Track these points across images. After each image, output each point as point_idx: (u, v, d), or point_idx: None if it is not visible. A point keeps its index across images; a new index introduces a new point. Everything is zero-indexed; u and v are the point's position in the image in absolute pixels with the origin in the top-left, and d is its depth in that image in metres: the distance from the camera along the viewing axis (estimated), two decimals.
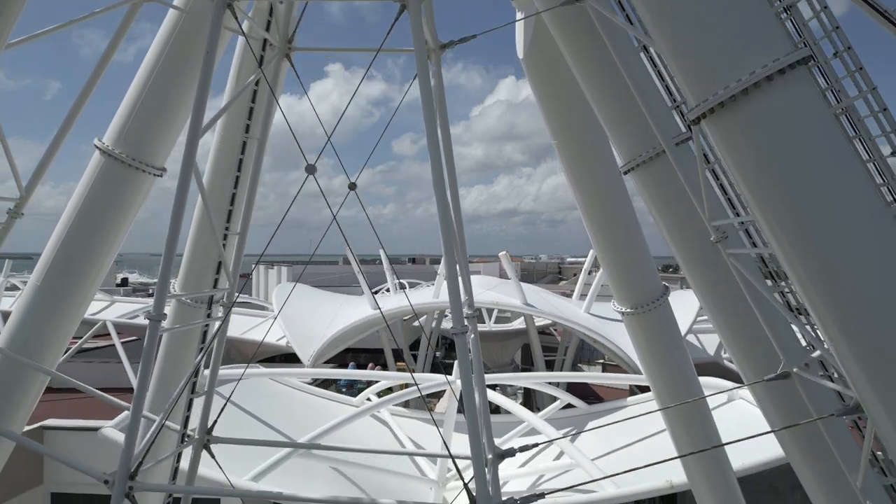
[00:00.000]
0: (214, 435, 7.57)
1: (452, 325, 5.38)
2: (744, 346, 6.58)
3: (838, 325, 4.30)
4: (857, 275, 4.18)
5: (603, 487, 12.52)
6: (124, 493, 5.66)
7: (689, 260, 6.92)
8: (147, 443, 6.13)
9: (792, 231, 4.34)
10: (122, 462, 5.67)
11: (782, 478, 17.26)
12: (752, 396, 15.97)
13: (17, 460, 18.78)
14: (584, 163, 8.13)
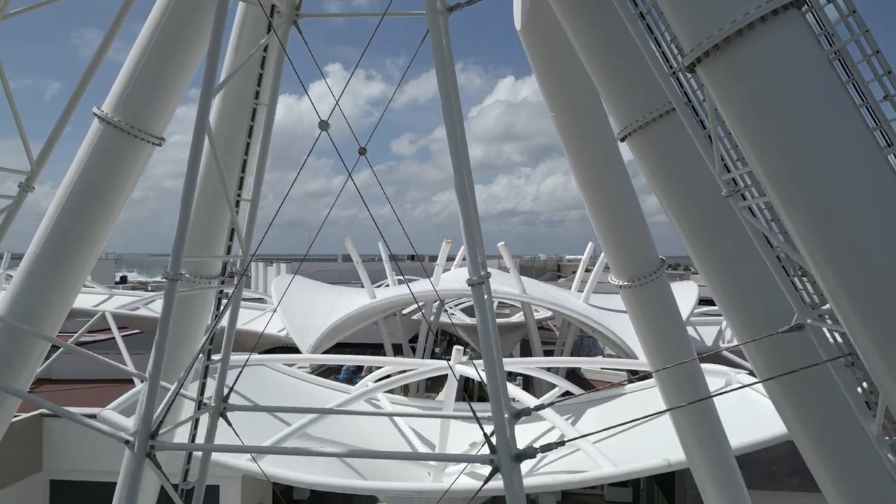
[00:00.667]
0: (230, 403, 7.63)
1: (470, 276, 5.47)
2: (741, 306, 6.61)
3: (834, 272, 4.34)
4: (851, 220, 4.21)
5: (601, 467, 12.57)
6: (145, 452, 5.73)
7: (688, 224, 6.94)
8: (167, 403, 6.20)
9: (787, 177, 4.38)
10: (143, 422, 5.75)
11: (780, 462, 17.33)
12: (750, 381, 16.02)
13: (16, 448, 18.98)
14: (582, 134, 8.16)
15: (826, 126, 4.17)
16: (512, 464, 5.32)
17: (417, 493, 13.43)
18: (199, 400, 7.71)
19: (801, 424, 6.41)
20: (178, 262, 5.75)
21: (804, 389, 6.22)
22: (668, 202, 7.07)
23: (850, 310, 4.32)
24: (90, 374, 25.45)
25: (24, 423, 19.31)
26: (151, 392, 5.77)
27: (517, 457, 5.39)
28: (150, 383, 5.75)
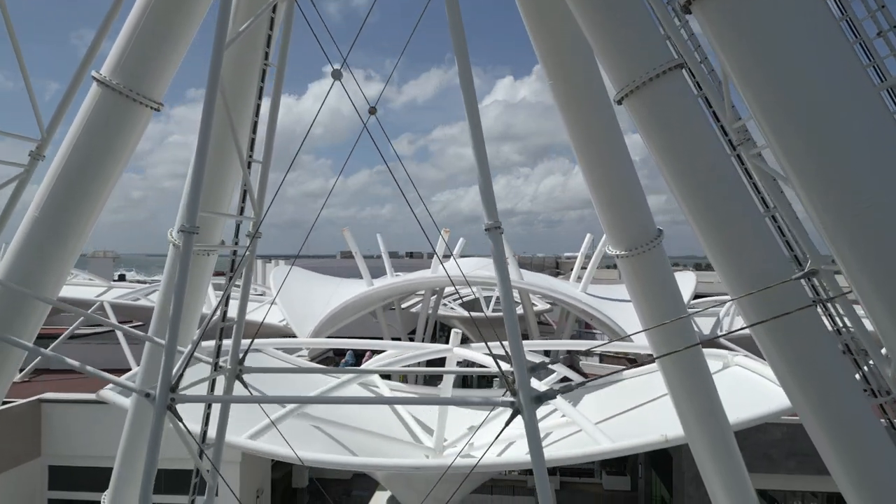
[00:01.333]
0: (246, 366, 7.65)
1: (487, 220, 5.49)
2: (740, 264, 6.63)
3: (828, 209, 4.37)
4: (845, 154, 4.25)
5: (599, 443, 12.60)
6: (166, 404, 5.75)
7: (688, 185, 6.94)
8: (186, 357, 6.24)
9: (783, 117, 4.41)
10: (163, 375, 5.78)
11: (777, 445, 17.40)
12: (747, 363, 16.10)
13: (15, 433, 18.99)
14: (579, 100, 8.16)
15: (819, 61, 4.20)
16: (532, 405, 5.37)
17: (417, 468, 13.47)
18: (214, 362, 7.73)
19: (790, 370, 6.43)
20: (193, 214, 5.74)
21: (797, 338, 6.26)
22: (667, 164, 7.09)
23: (842, 242, 4.35)
24: (90, 364, 25.40)
25: (23, 408, 19.32)
26: (170, 347, 5.81)
27: (537, 398, 5.44)
28: (169, 337, 5.79)
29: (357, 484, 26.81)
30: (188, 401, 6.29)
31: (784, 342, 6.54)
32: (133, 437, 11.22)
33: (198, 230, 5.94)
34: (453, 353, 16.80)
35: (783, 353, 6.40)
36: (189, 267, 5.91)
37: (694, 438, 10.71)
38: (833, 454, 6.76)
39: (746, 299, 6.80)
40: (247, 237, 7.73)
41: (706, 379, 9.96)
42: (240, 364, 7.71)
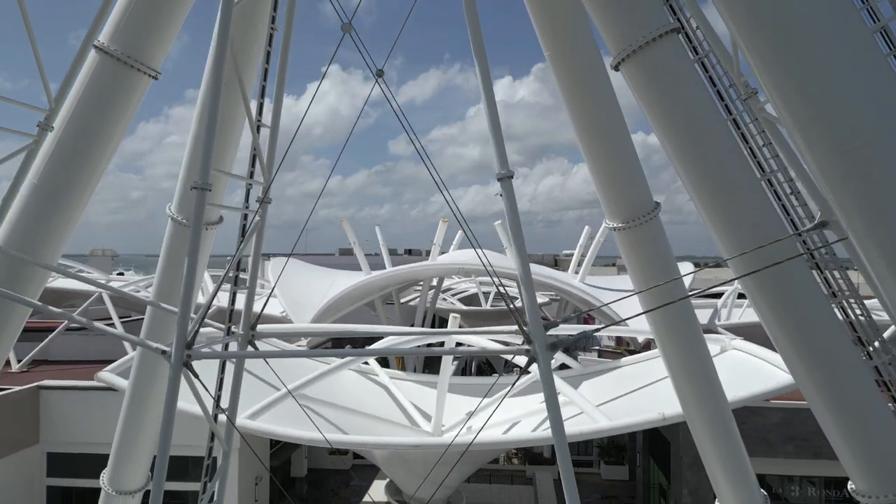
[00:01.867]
0: (259, 330, 7.70)
1: (499, 169, 5.55)
2: (739, 228, 6.68)
3: (823, 148, 4.40)
4: (839, 92, 4.26)
5: (597, 421, 12.64)
6: (182, 361, 5.83)
7: (685, 150, 6.98)
8: (201, 315, 6.31)
9: (783, 74, 4.42)
10: (179, 332, 5.84)
11: (774, 430, 17.46)
12: (745, 346, 16.14)
13: (13, 419, 18.98)
14: (576, 70, 8.16)
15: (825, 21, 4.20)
16: (547, 353, 5.49)
17: (416, 447, 13.48)
18: (227, 326, 7.76)
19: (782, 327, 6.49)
20: (206, 171, 5.79)
21: (789, 294, 6.32)
22: (664, 129, 7.12)
23: (841, 190, 4.38)
24: (87, 356, 25.42)
25: (21, 395, 19.32)
26: (185, 305, 5.88)
27: (552, 346, 5.56)
28: (184, 294, 5.84)
29: (356, 474, 26.86)
30: (203, 357, 6.33)
31: (776, 298, 6.60)
32: (131, 415, 11.26)
33: (210, 187, 6.01)
34: (451, 337, 16.82)
35: (775, 308, 6.48)
36: (202, 221, 5.97)
37: (693, 417, 10.75)
38: (828, 414, 6.82)
39: (741, 260, 6.86)
40: (256, 202, 7.77)
41: (704, 357, 9.98)
42: (252, 328, 7.74)
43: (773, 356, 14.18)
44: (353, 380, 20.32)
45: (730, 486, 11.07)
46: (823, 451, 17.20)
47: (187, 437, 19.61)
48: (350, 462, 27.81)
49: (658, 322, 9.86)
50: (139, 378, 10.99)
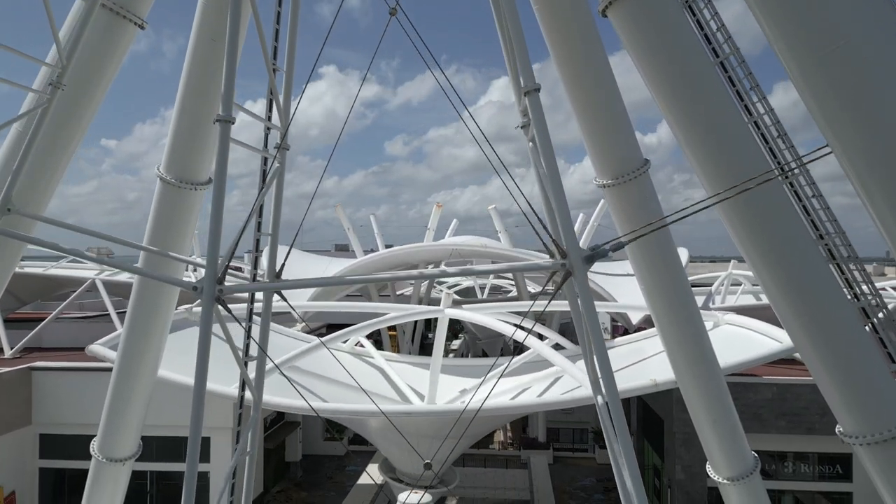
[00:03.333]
0: (283, 279, 7.66)
1: (524, 83, 5.51)
2: (721, 166, 6.71)
3: (802, 50, 4.41)
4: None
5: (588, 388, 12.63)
6: (213, 296, 5.88)
7: (672, 93, 6.99)
8: (230, 250, 6.35)
9: None
10: (208, 268, 5.88)
11: (767, 405, 17.51)
12: (737, 320, 16.16)
13: (5, 400, 18.86)
14: (561, 16, 8.08)
15: None
16: (582, 265, 5.42)
17: (408, 414, 13.46)
18: (253, 273, 7.72)
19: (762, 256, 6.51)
20: (229, 104, 5.90)
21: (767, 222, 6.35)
22: (651, 73, 7.12)
23: (819, 93, 4.38)
24: (80, 342, 25.32)
25: (13, 375, 19.24)
26: (214, 240, 5.94)
27: (588, 258, 5.45)
28: (212, 228, 5.89)
29: (351, 460, 26.86)
30: (235, 291, 6.39)
31: (763, 239, 6.63)
32: (120, 383, 11.25)
33: (234, 120, 6.04)
34: (444, 314, 16.81)
35: (763, 250, 6.52)
36: (227, 156, 5.99)
37: (685, 382, 10.76)
38: (815, 355, 6.84)
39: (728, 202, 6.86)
40: (275, 149, 7.76)
41: (696, 320, 9.99)
42: (277, 277, 7.66)
43: (765, 327, 14.23)
44: (348, 361, 20.31)
45: (721, 450, 11.10)
46: (816, 426, 17.33)
47: (182, 417, 19.61)
48: (345, 448, 27.82)
49: (648, 280, 9.86)
50: (128, 348, 10.98)
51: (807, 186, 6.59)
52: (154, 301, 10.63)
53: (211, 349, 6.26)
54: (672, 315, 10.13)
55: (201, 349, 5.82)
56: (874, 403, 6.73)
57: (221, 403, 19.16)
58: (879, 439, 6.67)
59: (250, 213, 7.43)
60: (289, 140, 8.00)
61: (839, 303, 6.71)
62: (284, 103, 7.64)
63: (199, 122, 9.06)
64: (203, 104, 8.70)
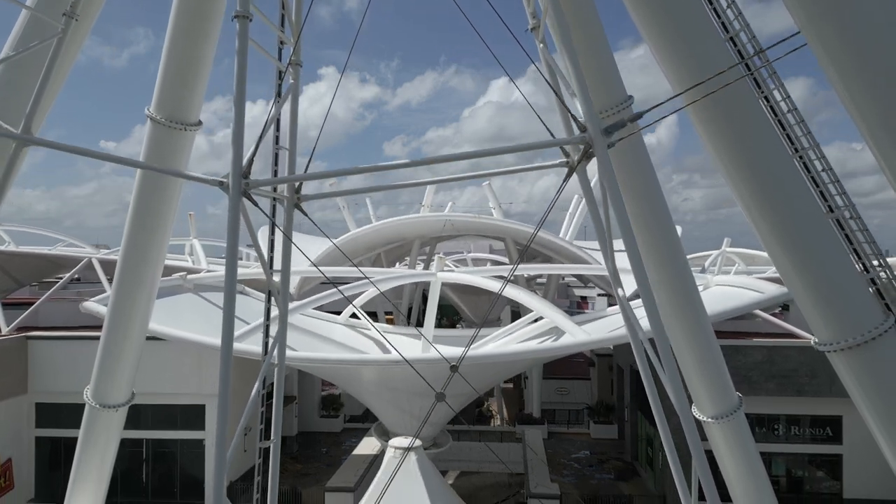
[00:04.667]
0: (303, 194, 7.73)
1: None
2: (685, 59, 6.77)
3: None
4: None
5: (576, 336, 12.77)
6: (241, 190, 6.07)
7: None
8: (255, 147, 6.46)
9: None
10: (234, 164, 6.06)
11: (756, 368, 17.65)
12: (726, 280, 16.31)
13: (1, 368, 18.92)
14: None
15: None
16: (602, 138, 5.44)
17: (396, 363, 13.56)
18: (272, 196, 7.75)
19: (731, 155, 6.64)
20: (246, 5, 6.00)
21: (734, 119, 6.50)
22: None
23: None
24: (76, 322, 25.43)
25: (8, 343, 19.34)
26: (237, 137, 6.08)
27: (606, 130, 5.46)
28: (235, 121, 6.06)
29: (347, 436, 26.98)
30: (261, 184, 6.57)
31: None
32: (113, 329, 11.38)
33: (251, 17, 6.20)
34: (437, 277, 16.95)
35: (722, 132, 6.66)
36: (246, 53, 6.16)
37: (671, 325, 10.91)
38: (788, 262, 6.98)
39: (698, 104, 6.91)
40: (289, 65, 7.84)
41: (684, 269, 10.07)
42: (297, 192, 7.75)
43: (751, 282, 14.41)
44: (343, 332, 20.45)
45: (706, 390, 11.25)
46: (805, 388, 17.49)
47: (176, 386, 19.76)
48: (341, 425, 27.95)
49: (639, 228, 9.92)
50: (120, 297, 11.12)
51: (776, 90, 6.67)
52: (145, 245, 10.76)
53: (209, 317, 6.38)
54: (659, 258, 10.26)
55: (230, 244, 6.05)
56: (846, 309, 6.87)
57: (216, 370, 19.31)
58: (853, 344, 6.81)
59: (267, 124, 7.45)
60: None
61: (810, 210, 6.84)
62: (296, 18, 7.73)
63: (189, 62, 9.20)
64: (193, 44, 8.84)
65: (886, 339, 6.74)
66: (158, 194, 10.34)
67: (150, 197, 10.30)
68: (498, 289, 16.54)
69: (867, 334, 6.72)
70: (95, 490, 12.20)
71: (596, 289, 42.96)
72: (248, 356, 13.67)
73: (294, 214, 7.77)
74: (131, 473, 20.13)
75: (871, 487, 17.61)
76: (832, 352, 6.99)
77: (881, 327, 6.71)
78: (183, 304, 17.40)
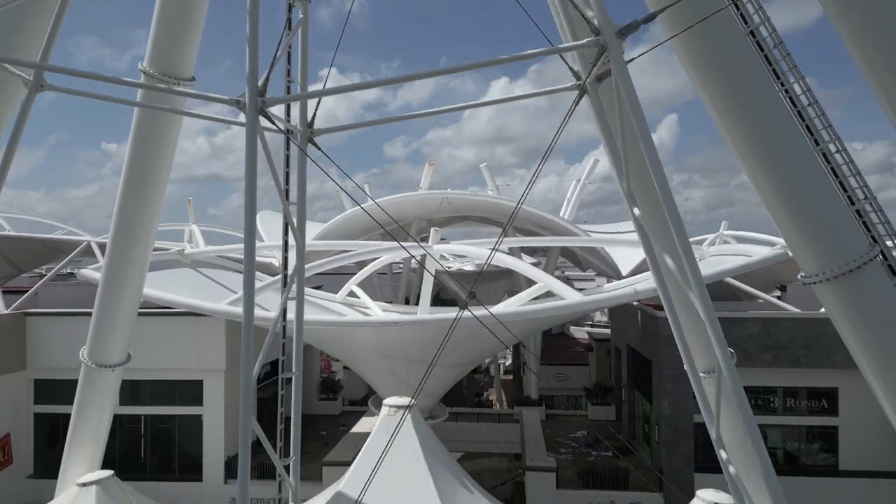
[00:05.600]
0: (316, 129, 7.62)
1: None
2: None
3: None
4: None
5: (567, 297, 12.82)
6: (257, 108, 6.07)
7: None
8: (272, 62, 6.46)
9: None
10: (249, 82, 6.03)
11: (752, 339, 17.69)
12: (720, 249, 16.35)
13: (1, 344, 19.00)
14: None
15: None
16: (617, 40, 5.39)
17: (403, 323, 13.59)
18: (286, 128, 7.66)
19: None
20: None
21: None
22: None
23: None
24: (75, 305, 25.52)
25: (7, 318, 19.43)
26: (253, 54, 6.04)
27: (620, 32, 5.40)
28: (250, 41, 6.03)
29: (345, 418, 27.02)
30: (277, 102, 6.61)
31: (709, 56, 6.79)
32: (108, 290, 11.45)
33: None
34: (433, 249, 17.00)
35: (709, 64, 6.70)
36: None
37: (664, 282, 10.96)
38: (772, 193, 7.03)
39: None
40: None
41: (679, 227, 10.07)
42: (310, 126, 7.64)
43: (748, 248, 14.46)
44: (342, 310, 20.50)
45: (698, 342, 11.31)
46: (801, 359, 17.53)
47: (173, 361, 19.80)
48: (340, 408, 28.01)
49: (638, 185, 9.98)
50: (115, 257, 11.18)
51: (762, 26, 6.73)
52: (140, 204, 10.82)
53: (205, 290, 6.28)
54: (655, 218, 10.31)
55: (249, 167, 6.04)
56: (832, 239, 6.93)
57: (213, 345, 19.42)
58: (838, 273, 6.86)
59: (277, 54, 7.42)
60: None
61: (796, 143, 6.89)
62: None
63: (182, 15, 9.26)
64: None
65: (871, 267, 6.79)
66: (153, 151, 10.39)
67: (145, 152, 10.35)
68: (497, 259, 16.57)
69: (852, 263, 6.77)
70: (92, 451, 12.28)
71: (595, 280, 43.03)
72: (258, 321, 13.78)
73: None
74: (130, 449, 20.21)
75: (867, 459, 17.65)
76: (819, 283, 7.03)
77: (866, 256, 6.77)
78: (179, 276, 17.49)
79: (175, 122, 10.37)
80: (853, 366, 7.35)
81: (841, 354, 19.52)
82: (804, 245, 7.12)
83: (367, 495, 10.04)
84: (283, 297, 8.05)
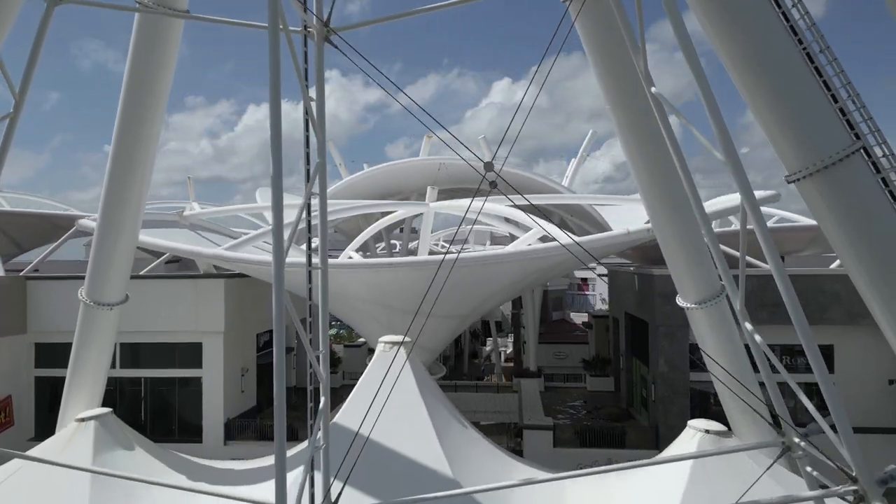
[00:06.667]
0: (332, 27, 7.26)
1: None
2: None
3: None
4: None
5: (560, 239, 12.91)
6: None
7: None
8: None
9: None
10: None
11: (749, 297, 17.70)
12: (712, 202, 16.34)
13: (1, 305, 19.15)
14: None
15: None
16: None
17: (398, 265, 13.63)
18: (303, 33, 7.45)
19: None
20: None
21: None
22: None
23: None
24: (80, 271, 25.68)
25: (6, 281, 19.58)
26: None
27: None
28: None
29: (345, 392, 27.11)
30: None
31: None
32: (105, 230, 11.58)
33: None
34: (430, 208, 17.12)
35: None
36: None
37: (661, 223, 11.11)
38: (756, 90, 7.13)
39: None
40: None
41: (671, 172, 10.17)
42: (326, 26, 7.26)
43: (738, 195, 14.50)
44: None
45: (690, 277, 11.43)
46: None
47: (173, 323, 19.94)
48: (340, 381, 28.12)
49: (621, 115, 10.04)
50: (111, 195, 11.32)
51: None
52: (135, 141, 10.95)
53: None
54: (651, 163, 10.45)
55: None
56: (815, 133, 7.01)
57: (212, 308, 19.54)
58: (821, 167, 6.94)
59: None
60: None
61: (780, 42, 6.99)
62: None
63: None
64: None
65: (854, 161, 6.88)
66: (152, 71, 10.41)
67: (142, 83, 10.45)
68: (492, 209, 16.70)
69: (835, 156, 6.86)
70: (91, 390, 12.44)
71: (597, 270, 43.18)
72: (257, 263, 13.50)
73: None
74: (130, 412, 20.35)
75: (863, 416, 17.69)
76: (802, 178, 7.11)
77: (848, 149, 6.85)
78: (178, 235, 17.63)
79: (174, 38, 10.34)
80: (849, 322, 7.37)
81: (837, 311, 19.62)
82: (787, 142, 7.21)
83: (363, 427, 10.14)
84: (306, 191, 7.53)
